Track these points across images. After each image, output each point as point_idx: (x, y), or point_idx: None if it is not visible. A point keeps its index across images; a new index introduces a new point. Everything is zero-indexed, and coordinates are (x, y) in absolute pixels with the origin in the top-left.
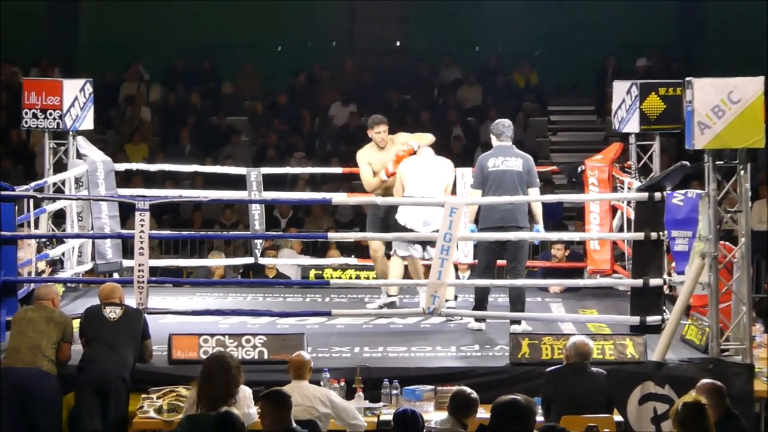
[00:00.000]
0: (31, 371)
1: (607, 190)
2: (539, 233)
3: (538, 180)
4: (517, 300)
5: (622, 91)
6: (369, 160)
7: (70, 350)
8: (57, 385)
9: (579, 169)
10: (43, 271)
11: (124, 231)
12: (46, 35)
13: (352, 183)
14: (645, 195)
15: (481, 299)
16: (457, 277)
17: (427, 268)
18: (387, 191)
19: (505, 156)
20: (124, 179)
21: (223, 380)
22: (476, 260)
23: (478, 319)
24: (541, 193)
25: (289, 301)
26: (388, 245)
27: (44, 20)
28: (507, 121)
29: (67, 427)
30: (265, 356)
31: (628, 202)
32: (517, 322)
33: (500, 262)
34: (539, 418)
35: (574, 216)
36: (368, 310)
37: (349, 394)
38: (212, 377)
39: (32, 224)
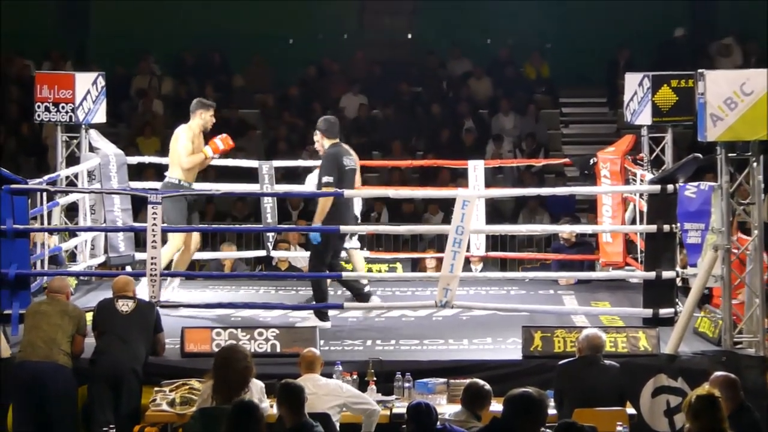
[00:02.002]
0: (47, 364)
1: (620, 182)
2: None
3: None
4: (318, 291)
5: (634, 83)
6: (192, 139)
7: (84, 343)
8: (72, 378)
9: (591, 161)
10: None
11: (136, 224)
12: (57, 28)
13: (364, 175)
14: (657, 187)
15: (323, 296)
16: (470, 270)
17: None
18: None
19: (349, 154)
20: (137, 172)
21: (237, 370)
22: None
23: (323, 318)
24: (553, 185)
25: (302, 294)
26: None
27: (55, 13)
28: (332, 117)
29: (80, 420)
30: (278, 349)
31: (641, 195)
32: (321, 317)
33: (512, 255)
34: (551, 411)
35: (587, 208)
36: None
37: (361, 387)
38: (227, 367)
39: (45, 217)
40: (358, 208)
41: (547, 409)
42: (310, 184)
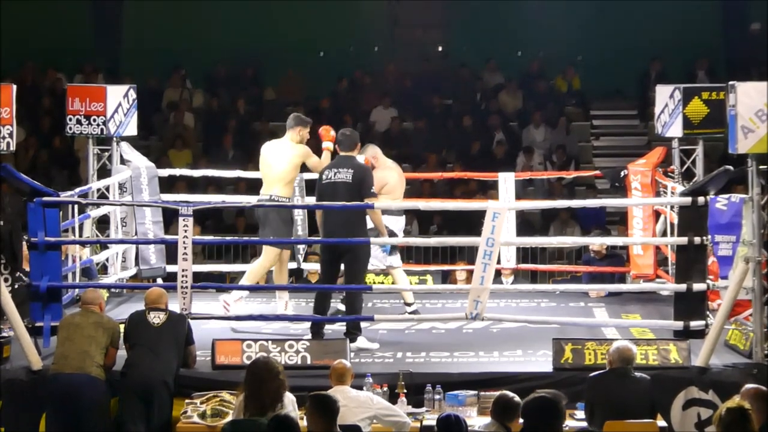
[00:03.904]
0: (81, 377)
1: (650, 194)
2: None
3: (372, 190)
4: (350, 306)
5: (665, 95)
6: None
7: (116, 356)
8: (105, 391)
9: (622, 173)
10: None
11: (167, 236)
12: (90, 41)
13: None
14: (688, 199)
15: (320, 311)
16: (500, 282)
17: None
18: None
19: (338, 167)
20: (168, 185)
21: (273, 385)
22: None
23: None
24: (584, 198)
25: (332, 306)
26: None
27: (88, 26)
28: (348, 130)
29: None
30: (308, 361)
31: (672, 207)
32: (353, 338)
33: (542, 267)
34: (583, 424)
35: (617, 221)
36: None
37: (392, 399)
38: (262, 382)
39: (77, 230)
40: (398, 225)
41: (563, 407)
42: None
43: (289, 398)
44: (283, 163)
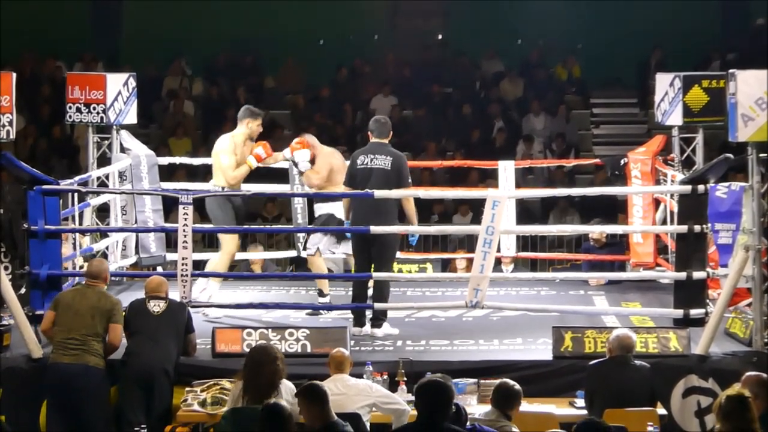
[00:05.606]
0: (77, 367)
1: (650, 182)
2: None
3: (408, 179)
4: (378, 293)
5: (665, 83)
6: (235, 151)
7: (121, 331)
8: (104, 379)
9: (622, 161)
10: (82, 266)
11: (167, 224)
12: (89, 30)
13: None
14: (688, 188)
15: (360, 298)
16: (500, 270)
17: None
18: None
19: (375, 154)
20: (168, 173)
21: (269, 370)
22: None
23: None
24: (584, 186)
25: (332, 294)
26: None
27: (88, 15)
28: (382, 118)
29: (112, 420)
30: (308, 349)
31: (672, 195)
32: (378, 324)
33: (542, 255)
34: (582, 412)
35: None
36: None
37: (392, 388)
38: (259, 367)
39: (77, 218)
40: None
41: (453, 389)
42: None
43: (287, 386)
44: (215, 158)
